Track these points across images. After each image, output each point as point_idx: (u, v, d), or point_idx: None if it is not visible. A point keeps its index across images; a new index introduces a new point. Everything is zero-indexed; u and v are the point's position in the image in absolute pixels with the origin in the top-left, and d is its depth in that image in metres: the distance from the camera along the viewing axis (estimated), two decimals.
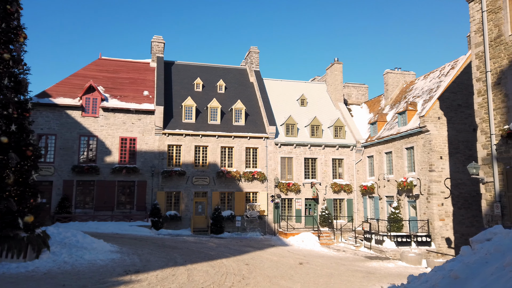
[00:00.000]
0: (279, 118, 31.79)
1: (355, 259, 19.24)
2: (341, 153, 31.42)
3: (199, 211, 28.14)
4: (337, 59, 36.00)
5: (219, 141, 28.97)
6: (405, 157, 25.92)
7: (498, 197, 14.45)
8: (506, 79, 14.41)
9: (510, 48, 14.31)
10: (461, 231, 22.46)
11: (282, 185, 29.32)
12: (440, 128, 23.57)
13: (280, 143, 30.07)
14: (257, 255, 17.77)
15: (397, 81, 33.13)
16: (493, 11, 15.14)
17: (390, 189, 27.25)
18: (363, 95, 40.23)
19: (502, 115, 14.50)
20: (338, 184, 30.51)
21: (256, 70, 34.96)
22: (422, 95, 27.50)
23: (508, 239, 7.25)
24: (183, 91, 31.42)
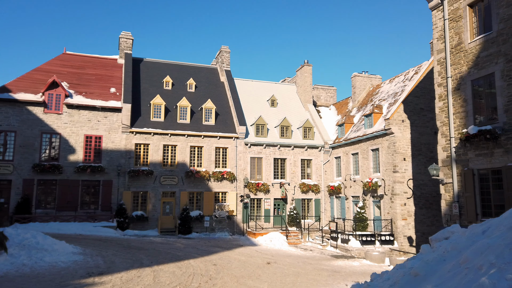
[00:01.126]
0: (249, 118, 31.85)
1: (321, 258, 19.59)
2: (309, 153, 31.90)
3: (166, 211, 27.72)
4: (307, 61, 36.52)
5: (189, 141, 28.66)
6: (371, 158, 26.66)
7: (456, 197, 15.15)
8: (465, 85, 15.13)
9: (469, 55, 15.04)
10: (422, 230, 23.37)
11: (252, 185, 29.40)
12: (404, 131, 24.41)
13: (250, 143, 30.14)
14: (225, 255, 17.73)
15: (364, 84, 34.02)
16: (454, 20, 15.86)
17: (356, 189, 27.94)
18: (331, 97, 41.02)
19: (461, 119, 15.22)
20: (307, 184, 30.96)
21: (227, 69, 34.86)
22: (388, 99, 28.38)
23: (464, 238, 7.61)
24: (152, 89, 30.84)
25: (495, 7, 13.98)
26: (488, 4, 14.45)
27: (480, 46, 14.53)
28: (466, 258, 6.22)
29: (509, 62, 13.30)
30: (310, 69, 36.33)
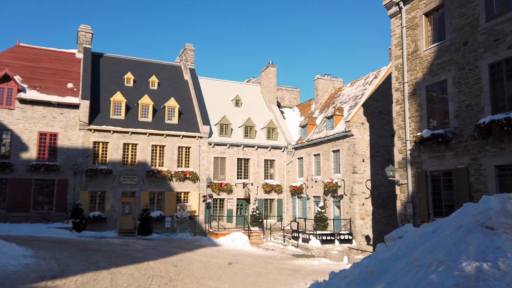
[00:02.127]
0: (213, 118, 31.65)
1: (282, 258, 19.83)
2: (273, 154, 32.19)
3: (126, 211, 26.95)
4: (272, 62, 36.82)
5: (150, 139, 28.03)
6: (332, 159, 27.31)
7: (410, 197, 15.85)
8: (420, 91, 15.86)
9: (424, 62, 15.78)
10: (379, 229, 24.24)
11: (215, 185, 29.23)
12: (363, 133, 25.22)
13: (214, 143, 29.96)
14: (186, 256, 17.51)
15: (326, 87, 34.79)
16: (411, 27, 16.59)
17: (317, 189, 28.52)
18: (295, 99, 41.62)
19: (416, 123, 15.94)
20: (269, 185, 31.21)
21: (191, 68, 34.45)
22: (349, 101, 29.20)
23: (416, 237, 7.96)
24: (112, 86, 29.87)
25: (449, 17, 14.77)
26: (442, 14, 15.24)
27: (434, 54, 15.29)
28: (417, 256, 6.50)
29: (461, 70, 14.09)
30: (275, 70, 36.66)
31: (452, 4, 14.63)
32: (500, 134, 12.14)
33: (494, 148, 12.60)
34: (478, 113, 13.22)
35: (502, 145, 12.32)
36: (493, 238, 5.71)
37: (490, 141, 12.65)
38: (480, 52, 13.34)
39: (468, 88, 13.71)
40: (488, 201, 6.42)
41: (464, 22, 14.08)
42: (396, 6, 17.17)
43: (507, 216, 5.86)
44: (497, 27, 12.87)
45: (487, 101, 12.97)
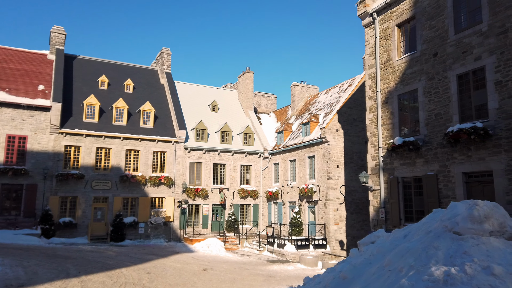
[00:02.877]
0: (189, 123, 31.42)
1: (258, 263, 19.82)
2: (249, 159, 32.22)
3: (98, 217, 26.27)
4: (249, 68, 36.98)
5: (124, 144, 27.50)
6: (307, 165, 27.63)
7: (383, 203, 16.23)
8: (392, 99, 16.33)
9: (396, 71, 16.28)
10: (353, 234, 24.65)
11: (190, 191, 28.94)
12: (337, 140, 25.66)
13: (190, 148, 29.71)
14: (160, 262, 17.23)
15: (302, 94, 35.24)
16: (384, 38, 17.09)
17: (293, 195, 28.74)
18: (272, 105, 41.90)
19: (388, 131, 16.38)
20: (246, 190, 31.20)
21: (168, 72, 34.12)
22: (324, 108, 29.67)
23: (388, 242, 8.15)
24: (85, 88, 29.18)
25: (419, 29, 15.31)
26: (414, 25, 15.79)
27: (406, 64, 15.80)
28: (389, 261, 6.65)
29: (430, 80, 14.61)
30: (252, 76, 36.82)
31: (422, 16, 15.19)
32: (467, 142, 12.64)
33: (461, 156, 13.10)
34: (447, 122, 13.72)
35: (469, 153, 12.83)
36: (460, 243, 5.92)
37: (458, 149, 13.15)
38: (449, 63, 13.89)
39: (438, 97, 14.23)
40: (456, 207, 6.64)
41: (434, 34, 14.64)
42: (370, 17, 17.65)
43: (474, 222, 6.09)
44: (465, 39, 13.44)
45: (455, 110, 13.49)
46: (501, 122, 11.94)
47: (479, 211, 6.11)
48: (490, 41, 12.54)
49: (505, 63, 12.02)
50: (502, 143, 11.85)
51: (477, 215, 6.06)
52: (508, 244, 5.88)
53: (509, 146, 11.68)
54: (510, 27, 12.00)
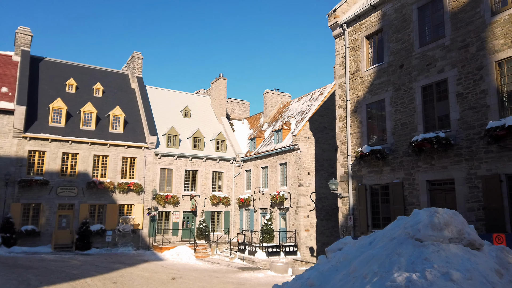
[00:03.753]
0: (161, 128, 30.97)
1: (228, 271, 19.67)
2: (221, 166, 32.08)
3: (63, 225, 25.32)
4: (222, 75, 36.97)
5: (92, 149, 26.74)
6: (279, 172, 27.80)
7: (351, 210, 16.54)
8: (361, 108, 16.76)
9: (365, 82, 16.73)
10: (322, 240, 24.95)
11: (160, 197, 28.44)
12: (309, 147, 26.01)
13: (161, 154, 29.26)
14: (127, 271, 16.79)
15: (275, 101, 35.55)
16: (353, 49, 17.55)
17: (264, 202, 28.81)
18: (245, 111, 42.01)
19: (357, 139, 16.77)
20: (217, 197, 30.99)
21: (139, 76, 33.57)
22: (296, 116, 30.04)
23: (354, 249, 8.30)
24: (52, 91, 28.23)
25: (387, 41, 15.84)
26: (381, 38, 16.32)
27: (374, 75, 16.28)
28: (354, 267, 6.77)
29: (397, 90, 15.11)
30: (225, 83, 36.82)
31: (390, 29, 15.73)
32: (431, 151, 13.13)
33: (425, 164, 13.58)
34: (412, 131, 14.21)
35: (433, 161, 13.33)
36: (421, 250, 6.11)
37: (422, 157, 13.64)
38: (414, 75, 14.43)
39: (404, 107, 14.73)
40: (418, 214, 6.86)
41: (400, 46, 15.18)
42: (340, 28, 18.11)
43: (434, 229, 6.31)
44: (429, 52, 14.02)
45: (420, 120, 14.00)
46: (462, 132, 12.49)
47: (439, 218, 6.33)
48: (452, 55, 13.14)
49: (466, 76, 12.61)
50: (463, 153, 12.39)
51: (437, 222, 6.28)
52: (466, 251, 6.13)
53: (469, 155, 12.22)
54: (470, 42, 12.63)
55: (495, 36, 11.93)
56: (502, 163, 11.30)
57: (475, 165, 12.01)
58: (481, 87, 12.12)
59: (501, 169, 11.31)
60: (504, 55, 11.61)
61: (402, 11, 15.23)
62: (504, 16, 11.75)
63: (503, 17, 11.78)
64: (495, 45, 11.90)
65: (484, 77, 12.07)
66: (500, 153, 11.37)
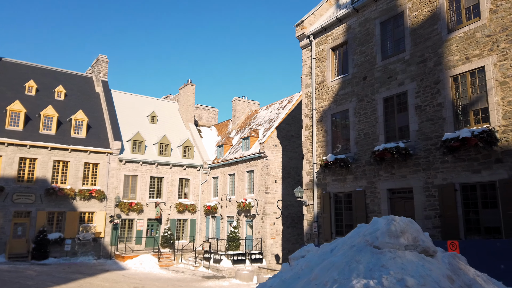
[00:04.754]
0: (126, 134, 30.23)
1: (192, 280, 19.37)
2: (188, 173, 31.69)
3: (18, 233, 24.05)
4: (191, 81, 36.70)
5: (52, 154, 25.68)
6: (246, 180, 27.82)
7: (316, 217, 16.79)
8: (326, 118, 17.13)
9: (330, 92, 17.14)
10: (288, 248, 25.12)
11: (124, 205, 27.66)
12: (276, 155, 26.23)
13: (125, 160, 28.53)
14: (87, 282, 16.16)
15: (243, 109, 35.67)
16: (320, 59, 17.97)
17: (231, 209, 28.69)
18: (213, 118, 41.85)
19: (322, 148, 17.10)
20: (183, 204, 30.54)
21: (104, 80, 32.71)
22: (264, 124, 30.27)
23: (316, 256, 8.42)
24: (10, 93, 26.96)
25: (351, 53, 16.35)
26: (346, 50, 16.82)
27: (339, 85, 16.72)
28: (316, 275, 6.87)
29: (360, 101, 15.58)
30: (193, 89, 36.57)
31: (354, 42, 16.25)
32: (391, 160, 13.60)
33: (386, 173, 14.05)
34: (374, 141, 14.68)
35: (393, 170, 13.81)
36: (379, 257, 6.29)
37: (383, 166, 14.09)
38: (376, 87, 14.95)
39: (366, 118, 15.20)
40: (377, 222, 7.06)
41: (364, 59, 15.71)
42: (307, 39, 18.51)
43: (391, 237, 6.52)
44: (390, 66, 14.59)
45: (381, 130, 14.49)
46: (420, 143, 13.04)
47: (396, 226, 6.55)
48: (411, 69, 13.74)
49: (424, 89, 13.22)
50: (421, 162, 12.93)
51: (394, 230, 6.50)
52: (420, 257, 6.38)
53: (427, 165, 12.76)
54: (428, 57, 13.26)
55: (451, 52, 12.60)
56: (456, 173, 11.88)
57: (432, 175, 12.55)
58: (438, 100, 12.73)
59: (455, 179, 11.88)
60: (459, 70, 12.28)
61: (366, 25, 15.79)
62: (459, 34, 12.45)
63: (458, 35, 12.47)
64: (451, 61, 12.56)
65: (440, 91, 12.69)
66: (454, 164, 11.95)
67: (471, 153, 11.50)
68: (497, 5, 11.52)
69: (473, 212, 11.51)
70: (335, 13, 18.21)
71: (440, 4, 13.09)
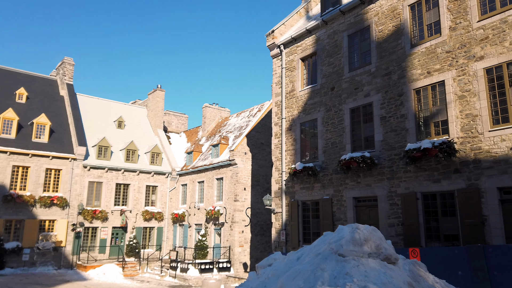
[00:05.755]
0: (91, 139, 29.32)
1: None
2: (156, 180, 31.09)
3: None
4: (160, 86, 36.20)
5: (11, 159, 24.49)
6: (215, 187, 27.63)
7: (284, 225, 16.89)
8: (295, 126, 17.36)
9: (299, 101, 17.40)
10: (256, 256, 25.07)
11: (88, 212, 26.71)
12: (245, 162, 26.24)
13: (90, 166, 27.62)
14: None
15: (214, 115, 35.54)
16: (289, 69, 18.23)
17: (199, 217, 28.35)
18: (183, 124, 41.38)
19: (291, 156, 17.28)
20: (150, 212, 29.87)
21: (69, 83, 31.67)
22: (234, 131, 30.25)
23: (283, 264, 8.44)
24: None
25: (320, 64, 16.70)
26: (315, 60, 17.17)
27: (308, 95, 17.00)
28: (281, 283, 6.88)
29: (328, 111, 15.91)
30: (163, 94, 36.07)
31: (323, 53, 16.63)
32: (357, 169, 13.93)
33: (352, 182, 14.37)
34: (341, 150, 15.00)
35: (359, 179, 14.14)
36: (343, 265, 6.39)
37: (349, 175, 14.41)
38: (344, 98, 15.33)
39: (334, 127, 15.53)
40: (342, 230, 7.18)
41: (332, 70, 16.08)
42: (277, 48, 18.75)
43: (355, 245, 6.65)
44: (357, 77, 15.01)
45: (348, 140, 14.84)
46: (385, 153, 13.45)
47: (360, 234, 6.69)
48: (377, 81, 14.20)
49: (389, 101, 13.68)
50: (385, 172, 13.32)
51: (358, 238, 6.63)
52: (383, 265, 6.54)
53: (390, 174, 13.16)
54: (392, 70, 13.76)
55: (413, 66, 13.13)
56: (418, 182, 12.32)
57: (396, 184, 12.96)
58: (401, 112, 13.21)
59: (417, 188, 12.32)
60: (421, 83, 12.81)
61: (334, 37, 16.20)
62: (421, 49, 13.01)
63: (420, 50, 13.03)
64: (413, 74, 13.09)
65: (404, 103, 13.18)
66: (416, 173, 12.40)
67: (432, 163, 11.97)
68: (456, 23, 12.16)
69: (433, 220, 11.96)
70: (305, 24, 18.59)
71: (404, 20, 13.66)
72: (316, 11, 19.45)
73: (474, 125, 11.30)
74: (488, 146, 10.90)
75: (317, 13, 18.86)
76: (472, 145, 11.24)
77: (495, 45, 11.13)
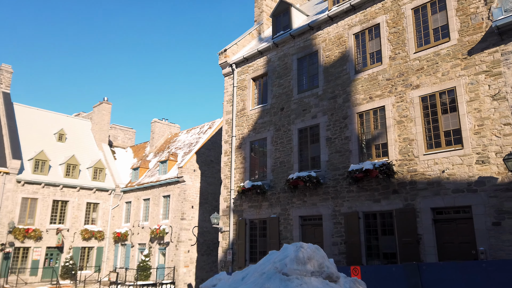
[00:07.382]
0: (27, 152, 27.36)
1: None
2: (97, 196, 29.54)
3: None
4: (107, 99, 34.92)
5: None
6: (162, 205, 26.80)
7: (231, 244, 16.70)
8: (245, 145, 17.46)
9: (250, 120, 17.59)
10: (202, 276, 24.45)
11: (19, 231, 24.64)
12: (194, 180, 25.82)
13: (24, 181, 25.67)
14: None
15: (163, 131, 34.79)
16: (241, 88, 18.45)
17: (143, 236, 27.23)
18: (130, 139, 40.02)
19: (240, 174, 17.29)
20: (90, 231, 28.20)
21: (6, 92, 29.57)
22: (183, 148, 29.76)
23: (227, 284, 8.29)
24: None
25: (270, 85, 17.09)
26: (266, 81, 17.54)
27: (258, 114, 17.25)
28: None
29: (277, 131, 16.22)
30: (110, 108, 34.79)
31: (273, 74, 17.05)
32: (304, 189, 14.24)
33: (299, 201, 14.64)
34: (289, 170, 15.28)
35: (305, 198, 14.44)
36: (287, 284, 6.42)
37: (296, 194, 14.68)
38: (292, 118, 15.74)
39: (283, 147, 15.83)
40: (287, 249, 7.24)
41: (282, 91, 16.51)
42: (229, 67, 18.95)
43: (299, 263, 6.72)
44: (305, 99, 15.52)
45: (296, 159, 15.17)
46: (330, 173, 13.90)
47: (303, 253, 6.79)
48: (324, 103, 14.77)
49: (334, 123, 14.26)
50: (330, 191, 13.74)
51: (302, 257, 6.72)
52: (325, 283, 6.66)
53: (335, 194, 13.60)
54: (338, 94, 14.42)
55: (357, 91, 13.86)
56: (360, 202, 12.84)
57: (339, 203, 13.39)
58: (345, 134, 13.80)
59: (359, 207, 12.82)
60: (364, 108, 13.52)
61: (285, 60, 16.71)
62: (364, 75, 13.79)
63: (363, 76, 13.81)
64: (357, 99, 13.80)
65: (348, 126, 13.80)
66: (358, 193, 12.93)
67: (373, 184, 12.56)
68: (396, 53, 13.08)
69: (373, 239, 12.46)
70: (257, 45, 19.02)
71: (349, 48, 14.45)
72: (268, 34, 20.01)
73: (410, 148, 12.08)
74: (423, 168, 11.67)
75: (269, 35, 19.40)
76: (409, 167, 11.97)
77: (429, 75, 12.10)
